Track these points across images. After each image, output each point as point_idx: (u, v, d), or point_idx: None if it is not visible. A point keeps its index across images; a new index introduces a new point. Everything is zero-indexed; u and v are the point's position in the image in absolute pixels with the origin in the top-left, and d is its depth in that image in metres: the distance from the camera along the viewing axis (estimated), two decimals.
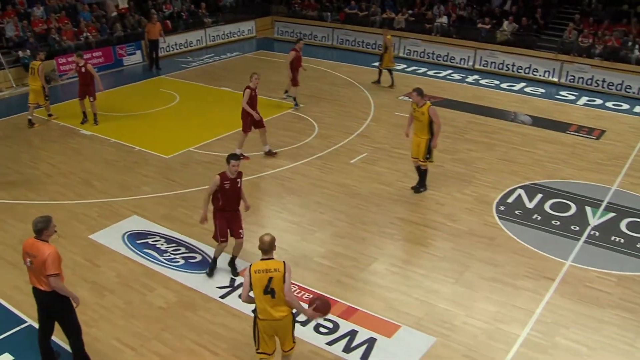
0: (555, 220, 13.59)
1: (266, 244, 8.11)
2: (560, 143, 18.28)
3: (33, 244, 8.29)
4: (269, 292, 7.89)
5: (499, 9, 29.66)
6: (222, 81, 24.06)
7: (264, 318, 8.04)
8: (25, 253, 8.33)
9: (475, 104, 21.75)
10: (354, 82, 23.96)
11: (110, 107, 20.77)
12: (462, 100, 22.25)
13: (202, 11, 31.55)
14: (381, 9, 31.99)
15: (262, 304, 7.97)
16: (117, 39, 27.14)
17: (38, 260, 8.15)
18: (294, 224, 13.29)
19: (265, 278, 7.87)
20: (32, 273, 8.38)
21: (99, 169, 16.03)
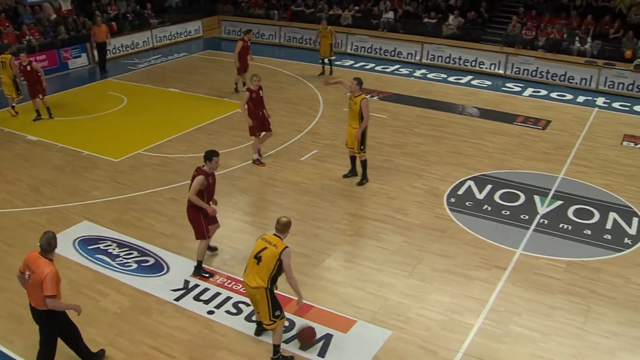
0: (505, 210, 13.80)
1: (281, 224, 9.04)
2: (508, 134, 18.57)
3: (36, 259, 8.11)
4: (257, 258, 8.72)
5: (445, 4, 29.97)
6: (170, 82, 23.83)
7: (245, 281, 8.94)
8: (26, 265, 8.19)
9: (423, 98, 21.95)
10: (302, 80, 23.97)
11: (56, 111, 20.39)
12: (410, 94, 22.42)
13: (147, 12, 31.19)
14: (328, 6, 32.04)
15: (249, 267, 8.88)
16: (61, 42, 26.64)
17: (36, 276, 7.99)
18: (247, 223, 13.26)
19: (261, 246, 8.77)
20: (28, 287, 8.22)
21: (46, 175, 15.73)
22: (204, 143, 17.15)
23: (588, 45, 25.70)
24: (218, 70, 25.58)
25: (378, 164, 16.03)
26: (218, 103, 20.88)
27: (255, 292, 8.73)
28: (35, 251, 8.27)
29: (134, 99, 21.78)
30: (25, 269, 8.19)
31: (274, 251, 8.61)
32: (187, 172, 15.25)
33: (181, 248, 11.99)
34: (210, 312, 10.28)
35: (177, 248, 12.08)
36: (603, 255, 12.14)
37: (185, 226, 12.82)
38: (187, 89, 22.74)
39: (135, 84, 23.62)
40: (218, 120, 19.22)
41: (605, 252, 12.24)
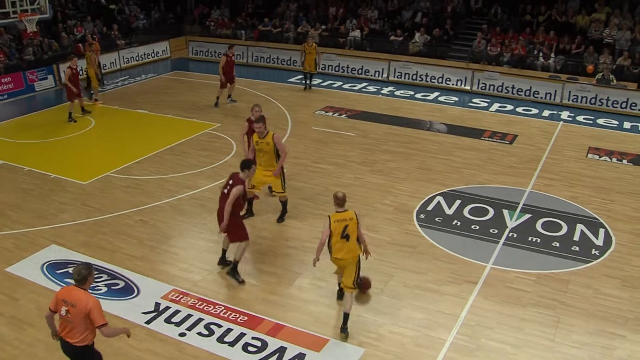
0: (475, 224, 13.92)
1: (340, 199, 10.19)
2: (476, 149, 18.76)
3: (72, 292, 7.78)
4: (345, 237, 9.99)
5: (410, 22, 30.31)
6: (138, 103, 23.72)
7: (337, 257, 10.16)
8: (62, 301, 7.78)
9: (391, 115, 22.10)
10: (270, 99, 23.99)
11: (23, 134, 20.22)
12: (378, 112, 22.57)
13: (114, 33, 31.06)
14: (294, 25, 32.20)
15: (338, 246, 10.04)
16: (27, 64, 26.43)
17: (78, 310, 7.66)
18: (217, 244, 13.16)
19: (341, 226, 9.98)
20: (64, 323, 7.83)
21: (13, 199, 15.52)
22: (172, 164, 17.09)
23: (551, 61, 26.18)
24: (186, 91, 25.53)
25: (347, 182, 16.10)
26: (187, 124, 20.83)
27: (351, 260, 10.18)
28: (67, 286, 8.08)
29: (101, 120, 21.63)
30: (60, 305, 7.80)
31: (354, 221, 10.07)
32: (157, 194, 15.32)
33: (151, 270, 11.90)
34: (182, 335, 10.19)
35: (147, 270, 11.98)
36: (572, 266, 12.29)
37: (155, 248, 12.81)
38: (155, 109, 22.64)
39: (103, 106, 23.46)
40: (187, 140, 19.16)
41: (574, 263, 12.40)
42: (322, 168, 17.06)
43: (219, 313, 10.67)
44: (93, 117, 21.89)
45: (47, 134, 20.34)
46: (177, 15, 36.39)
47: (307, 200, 15.11)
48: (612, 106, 23.34)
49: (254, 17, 34.18)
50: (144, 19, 34.20)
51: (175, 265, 12.19)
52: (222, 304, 10.86)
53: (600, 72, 24.53)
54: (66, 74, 21.28)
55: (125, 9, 34.04)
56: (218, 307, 10.85)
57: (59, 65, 26.91)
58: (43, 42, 28.03)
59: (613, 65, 25.06)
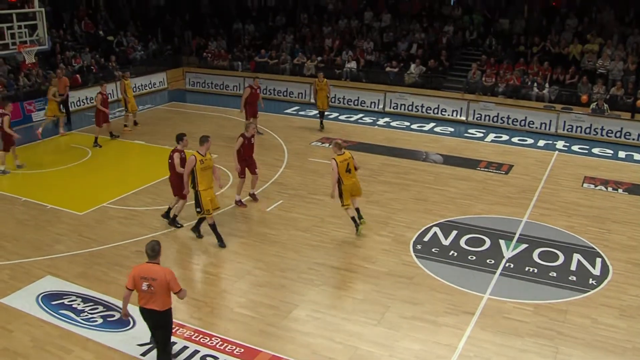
0: (471, 255, 13.91)
1: (340, 145, 14.56)
2: (472, 179, 18.81)
3: (150, 268, 9.12)
4: (348, 171, 14.42)
5: (406, 53, 30.53)
6: (136, 134, 23.78)
7: (347, 183, 14.44)
8: (142, 278, 9.03)
9: (387, 146, 22.19)
10: (267, 130, 24.06)
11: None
12: (374, 142, 22.67)
13: (112, 64, 31.27)
14: (291, 57, 32.42)
15: (345, 178, 14.39)
16: (25, 94, 26.51)
17: (159, 282, 9.00)
18: (213, 275, 13.16)
19: (344, 165, 14.33)
20: (148, 297, 9.11)
21: (9, 229, 15.49)
22: (169, 195, 17.01)
23: (546, 91, 26.38)
24: (183, 122, 25.59)
25: (344, 213, 16.05)
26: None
27: (355, 182, 14.72)
28: (141, 264, 9.25)
29: (98, 151, 21.67)
30: (139, 282, 9.05)
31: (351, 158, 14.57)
32: (153, 225, 15.32)
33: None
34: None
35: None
36: (569, 296, 12.27)
37: None
38: (152, 140, 22.68)
39: (100, 137, 23.46)
40: None
41: (571, 293, 12.38)
42: (319, 199, 17.07)
43: (215, 345, 10.61)
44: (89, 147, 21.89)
45: (43, 165, 20.37)
46: (175, 47, 36.62)
47: (304, 232, 15.10)
48: (607, 135, 23.50)
49: (251, 48, 34.42)
50: (142, 51, 34.42)
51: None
52: (218, 336, 10.79)
53: (595, 101, 24.72)
54: (97, 99, 21.87)
55: (123, 40, 34.26)
56: (214, 339, 10.78)
57: None
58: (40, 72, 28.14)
59: (607, 95, 25.27)
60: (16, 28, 21.35)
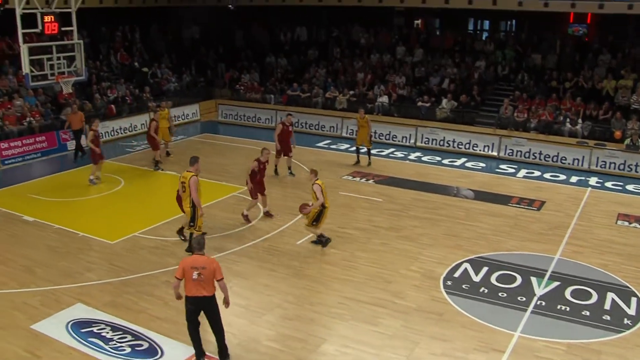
0: (502, 292, 13.75)
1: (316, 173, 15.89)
2: (503, 215, 18.65)
3: (197, 258, 10.39)
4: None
5: (437, 87, 30.57)
6: (167, 165, 24.00)
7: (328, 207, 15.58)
8: (192, 268, 10.24)
9: (418, 181, 22.12)
10: (298, 163, 24.13)
11: (54, 192, 20.54)
12: (405, 177, 22.61)
13: (146, 95, 31.73)
14: (323, 90, 32.60)
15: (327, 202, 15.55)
16: (61, 124, 26.95)
17: (208, 270, 10.28)
18: (242, 308, 13.14)
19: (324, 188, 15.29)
20: (198, 284, 10.30)
21: (41, 256, 15.68)
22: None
23: (579, 127, 26.17)
24: (215, 154, 25.81)
25: (374, 247, 16.07)
26: (215, 186, 20.93)
27: None
28: (190, 256, 10.64)
29: (131, 181, 21.91)
30: (189, 272, 10.24)
31: None
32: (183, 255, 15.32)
33: (176, 332, 11.84)
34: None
35: (172, 332, 11.94)
36: (603, 336, 12.05)
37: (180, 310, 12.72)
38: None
39: (133, 166, 23.78)
40: (214, 203, 19.25)
41: (605, 333, 12.16)
42: (349, 233, 17.05)
43: None
44: (123, 177, 22.14)
45: (77, 193, 20.64)
46: (208, 79, 37.07)
47: (333, 266, 15.06)
48: None
49: (283, 82, 34.69)
50: (175, 82, 34.88)
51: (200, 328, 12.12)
52: None
53: (629, 137, 24.48)
54: (89, 136, 21.73)
55: (157, 72, 34.77)
56: None
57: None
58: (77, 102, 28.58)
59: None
60: (55, 59, 21.81)
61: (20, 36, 20.58)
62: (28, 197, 20.33)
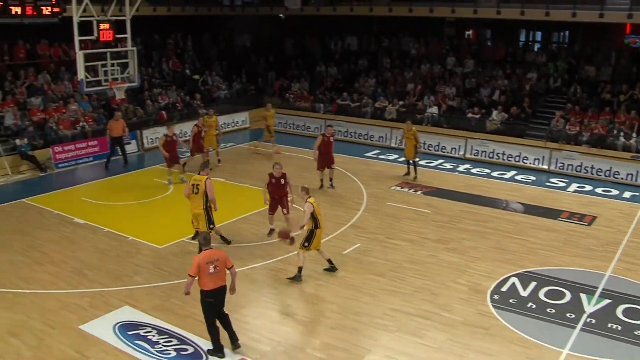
0: (550, 308, 13.52)
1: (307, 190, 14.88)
2: (553, 230, 18.36)
3: (210, 253, 11.11)
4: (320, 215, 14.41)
5: (488, 99, 30.27)
6: (216, 171, 24.17)
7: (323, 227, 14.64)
8: (208, 262, 10.94)
9: (467, 193, 21.91)
10: (346, 173, 24.13)
11: (104, 196, 20.91)
12: (454, 189, 22.42)
13: (196, 102, 32.08)
14: (372, 100, 32.55)
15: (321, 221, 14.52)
16: None
17: (221, 261, 11.11)
18: (287, 315, 13.17)
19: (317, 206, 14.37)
20: (215, 277, 11.02)
21: (91, 258, 15.97)
22: (247, 233, 17.24)
23: (633, 140, 25.58)
24: (263, 161, 25.94)
25: (422, 259, 15.96)
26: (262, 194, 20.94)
27: None
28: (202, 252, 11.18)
29: (179, 186, 22.06)
30: (205, 267, 10.91)
31: None
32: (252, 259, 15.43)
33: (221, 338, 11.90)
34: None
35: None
36: None
37: None
38: (232, 178, 23.05)
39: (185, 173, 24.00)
40: (262, 211, 19.25)
41: None
42: (396, 244, 16.97)
43: None
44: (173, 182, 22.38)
45: (126, 197, 20.96)
46: (258, 87, 37.32)
47: (379, 276, 14.99)
48: None
49: (333, 91, 34.73)
50: (226, 90, 35.22)
51: (245, 335, 12.18)
52: None
53: None
54: (160, 140, 22.71)
55: (208, 79, 35.16)
56: None
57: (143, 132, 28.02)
58: (129, 108, 29.11)
59: None
60: (109, 66, 22.19)
61: (76, 43, 20.98)
62: (79, 200, 20.75)
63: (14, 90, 27.10)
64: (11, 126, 25.26)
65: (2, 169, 23.81)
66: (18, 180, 23.46)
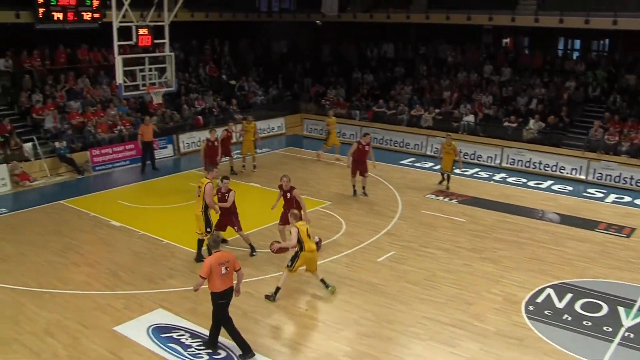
0: (587, 320, 13.32)
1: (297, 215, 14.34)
2: (590, 241, 18.10)
3: (221, 255, 11.38)
4: (308, 235, 13.88)
5: (525, 108, 30.00)
6: (251, 177, 24.34)
7: (308, 249, 13.82)
8: (219, 264, 11.19)
9: (502, 202, 21.70)
10: (381, 180, 24.06)
11: (140, 199, 21.12)
12: (489, 198, 22.22)
13: (232, 107, 32.29)
14: (408, 108, 32.44)
15: (307, 243, 13.77)
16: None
17: (231, 263, 11.41)
18: (320, 322, 13.16)
19: (304, 228, 13.87)
20: (225, 277, 11.31)
21: (126, 260, 16.14)
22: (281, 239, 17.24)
23: None
24: (299, 168, 26.00)
25: (455, 267, 15.84)
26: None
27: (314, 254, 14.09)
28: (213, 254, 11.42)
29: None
30: (217, 269, 11.16)
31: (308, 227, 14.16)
32: (264, 267, 15.54)
33: (254, 344, 11.92)
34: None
35: (249, 343, 12.01)
36: None
37: (259, 321, 12.88)
38: (267, 184, 23.08)
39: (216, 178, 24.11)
40: None
41: None
42: (431, 252, 16.87)
43: None
44: None
45: (162, 201, 21.15)
46: (294, 93, 37.46)
47: (414, 285, 14.90)
48: None
49: (369, 98, 34.71)
50: (262, 95, 35.40)
51: (277, 341, 12.22)
52: None
53: None
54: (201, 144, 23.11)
55: (244, 85, 35.37)
56: None
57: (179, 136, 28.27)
58: (166, 113, 29.41)
59: None
60: (147, 70, 22.43)
61: (115, 48, 21.26)
62: (116, 202, 20.99)
63: (54, 94, 27.62)
64: (51, 129, 25.72)
65: (41, 171, 24.23)
66: (57, 182, 23.85)
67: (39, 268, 15.70)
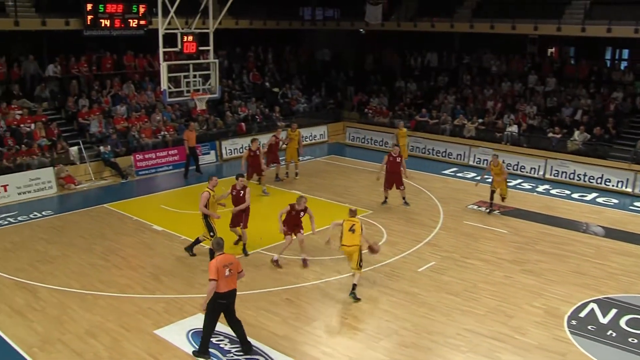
0: (632, 337, 13.05)
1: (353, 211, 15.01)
2: (636, 256, 17.75)
3: (225, 257, 11.60)
4: (352, 230, 14.36)
5: (570, 119, 29.58)
6: (294, 184, 24.41)
7: (345, 244, 14.49)
8: (224, 266, 11.40)
9: (545, 214, 21.41)
10: (423, 190, 23.95)
11: (182, 204, 21.30)
12: (532, 210, 21.95)
13: (276, 115, 32.44)
14: (451, 117, 32.23)
15: (346, 236, 14.46)
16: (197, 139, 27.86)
17: (235, 265, 11.65)
18: (359, 331, 13.12)
19: (350, 224, 14.47)
20: (229, 280, 11.50)
21: (168, 265, 16.31)
22: (321, 247, 17.22)
23: None
24: (340, 176, 26.00)
25: (497, 279, 15.68)
26: (339, 208, 20.90)
27: (352, 248, 14.41)
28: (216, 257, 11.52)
29: (256, 198, 22.23)
30: (222, 271, 11.34)
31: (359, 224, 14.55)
32: (304, 275, 15.55)
33: (293, 350, 11.95)
34: None
35: (289, 350, 12.07)
36: None
37: (298, 329, 12.89)
38: (308, 191, 23.09)
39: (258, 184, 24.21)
40: None
41: None
42: (471, 264, 16.72)
43: None
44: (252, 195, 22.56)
45: None
46: (337, 101, 37.49)
47: (454, 296, 14.79)
48: None
49: (412, 107, 34.57)
50: (305, 103, 35.52)
51: (317, 348, 12.21)
52: None
53: None
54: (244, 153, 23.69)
55: (288, 92, 35.54)
56: None
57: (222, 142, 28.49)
58: (209, 119, 29.67)
59: None
60: (191, 77, 22.64)
61: (160, 54, 21.51)
62: (158, 207, 21.22)
63: (100, 99, 28.10)
64: (96, 133, 26.18)
65: (86, 175, 24.66)
66: (101, 186, 24.26)
67: (82, 270, 15.96)
